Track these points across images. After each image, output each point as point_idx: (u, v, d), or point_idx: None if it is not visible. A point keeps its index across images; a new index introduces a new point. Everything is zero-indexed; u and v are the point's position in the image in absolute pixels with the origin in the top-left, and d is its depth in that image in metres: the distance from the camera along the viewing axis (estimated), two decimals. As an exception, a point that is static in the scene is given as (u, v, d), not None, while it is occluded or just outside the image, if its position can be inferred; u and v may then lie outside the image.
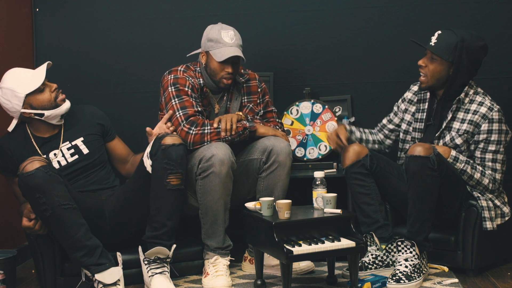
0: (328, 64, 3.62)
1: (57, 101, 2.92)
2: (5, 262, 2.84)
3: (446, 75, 2.92)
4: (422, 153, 2.75)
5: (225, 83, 3.05)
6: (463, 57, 2.87)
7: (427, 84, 2.95)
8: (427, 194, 2.78)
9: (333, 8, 3.60)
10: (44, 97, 2.90)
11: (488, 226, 2.88)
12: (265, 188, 2.98)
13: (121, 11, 3.70)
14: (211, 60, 3.03)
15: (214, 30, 3.03)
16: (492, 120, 2.89)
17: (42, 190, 2.60)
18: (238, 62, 3.05)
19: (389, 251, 2.94)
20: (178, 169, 2.75)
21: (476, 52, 2.90)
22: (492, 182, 2.91)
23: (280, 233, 2.58)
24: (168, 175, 2.74)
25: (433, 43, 2.90)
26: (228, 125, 2.90)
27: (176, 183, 2.76)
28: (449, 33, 2.90)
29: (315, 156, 3.50)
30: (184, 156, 2.78)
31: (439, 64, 2.91)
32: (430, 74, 2.93)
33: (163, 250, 2.75)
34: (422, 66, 2.95)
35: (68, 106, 2.96)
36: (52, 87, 2.93)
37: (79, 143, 3.00)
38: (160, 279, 2.72)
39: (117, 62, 3.70)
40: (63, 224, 2.65)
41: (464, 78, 2.92)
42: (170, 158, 2.73)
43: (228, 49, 2.98)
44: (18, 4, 3.60)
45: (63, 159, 2.95)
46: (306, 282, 2.88)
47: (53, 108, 2.91)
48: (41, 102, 2.89)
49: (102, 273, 2.66)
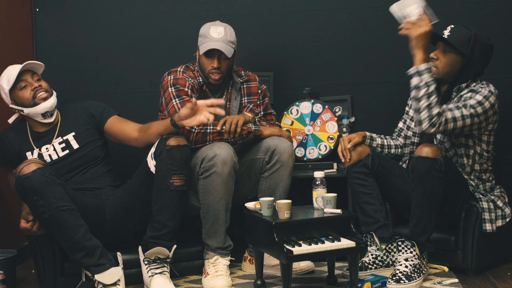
0: (328, 64, 3.62)
1: (35, 100, 2.96)
2: (5, 262, 2.84)
3: (458, 68, 2.92)
4: (430, 154, 2.75)
5: (213, 78, 3.06)
6: (475, 51, 2.88)
7: (438, 75, 2.93)
8: (432, 195, 2.77)
9: (333, 8, 3.60)
10: (24, 94, 2.96)
11: (487, 228, 2.88)
12: (267, 188, 2.98)
13: (121, 11, 3.70)
14: (200, 55, 3.07)
15: (205, 26, 3.08)
16: (477, 92, 2.86)
17: (39, 193, 2.60)
18: (226, 58, 3.05)
19: (389, 251, 2.94)
20: (182, 170, 2.76)
21: (487, 48, 2.92)
22: (438, 115, 2.72)
23: (280, 233, 2.58)
24: (171, 176, 2.74)
25: (447, 36, 2.91)
26: (233, 127, 2.90)
27: (179, 184, 2.76)
28: (462, 28, 2.93)
29: (315, 156, 3.51)
30: (188, 158, 2.79)
31: (451, 57, 2.91)
32: (442, 66, 2.93)
33: (163, 251, 2.75)
34: (434, 58, 2.94)
35: (47, 106, 2.97)
36: (33, 85, 2.97)
37: (70, 138, 3.03)
38: (160, 279, 2.72)
39: (117, 62, 3.70)
40: (62, 225, 2.65)
41: (472, 73, 2.92)
42: (174, 159, 2.73)
43: (211, 43, 3.00)
44: (18, 4, 3.60)
45: (54, 153, 2.99)
46: (306, 282, 2.88)
47: (32, 106, 2.96)
48: (21, 99, 2.97)
49: (102, 274, 2.66)
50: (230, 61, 3.08)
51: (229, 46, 3.02)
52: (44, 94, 2.98)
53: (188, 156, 2.79)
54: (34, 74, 3.01)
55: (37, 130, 3.02)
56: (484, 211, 2.88)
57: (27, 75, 2.98)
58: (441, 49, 2.94)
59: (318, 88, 3.61)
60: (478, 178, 2.97)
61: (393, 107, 3.30)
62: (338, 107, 3.59)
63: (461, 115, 2.78)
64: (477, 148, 2.94)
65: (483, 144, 2.94)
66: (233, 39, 3.06)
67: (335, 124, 3.49)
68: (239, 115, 3.01)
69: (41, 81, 3.02)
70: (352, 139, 3.06)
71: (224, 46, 3.00)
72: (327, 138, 3.49)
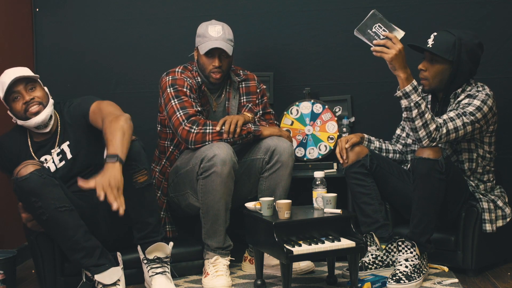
0: (328, 64, 3.62)
1: (26, 114, 2.83)
2: (5, 262, 2.84)
3: (448, 75, 2.91)
4: (431, 156, 2.75)
5: (214, 77, 3.06)
6: (463, 55, 2.86)
7: (430, 86, 2.94)
8: (433, 196, 2.77)
9: (333, 8, 3.60)
10: (16, 106, 2.84)
11: (488, 229, 2.88)
12: (267, 188, 2.98)
13: (121, 11, 3.70)
14: (199, 55, 3.07)
15: (203, 26, 3.08)
16: (474, 97, 2.86)
17: (37, 194, 2.58)
18: (227, 57, 3.06)
19: (389, 251, 2.94)
20: (140, 166, 2.71)
21: (474, 49, 2.90)
22: (436, 129, 2.73)
23: (280, 233, 2.58)
24: (132, 175, 2.70)
25: (431, 45, 2.90)
26: (232, 127, 2.90)
27: (144, 180, 2.73)
28: (445, 33, 2.90)
29: (315, 156, 3.51)
30: (141, 152, 2.73)
31: (440, 65, 2.90)
32: (432, 76, 2.92)
33: (161, 246, 2.75)
34: (422, 70, 2.94)
35: (38, 121, 2.82)
36: (25, 98, 2.82)
37: (65, 147, 2.92)
38: (161, 279, 2.72)
39: (117, 62, 3.70)
40: (61, 226, 2.64)
41: (465, 76, 2.92)
42: (128, 159, 2.64)
43: (212, 43, 3.00)
44: (18, 4, 3.60)
45: (52, 165, 2.90)
46: (306, 282, 2.88)
47: (24, 119, 2.84)
48: (14, 110, 2.85)
49: (101, 274, 2.65)
50: (230, 59, 3.09)
51: (229, 44, 3.03)
52: (36, 108, 2.82)
53: (139, 149, 2.72)
54: (28, 83, 2.83)
55: (37, 140, 2.91)
56: (484, 212, 2.88)
57: (20, 85, 2.81)
58: (428, 59, 2.93)
59: (318, 88, 3.61)
60: (478, 180, 2.97)
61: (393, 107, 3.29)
62: (338, 107, 3.59)
63: (462, 123, 2.79)
64: (480, 151, 2.94)
65: (485, 146, 2.94)
66: (231, 37, 3.07)
67: (335, 124, 3.49)
68: (238, 115, 3.01)
69: (36, 90, 2.84)
70: (349, 139, 3.06)
71: (224, 45, 3.00)
72: (327, 138, 3.49)
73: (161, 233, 2.81)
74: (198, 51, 3.08)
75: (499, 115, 2.98)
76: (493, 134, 2.95)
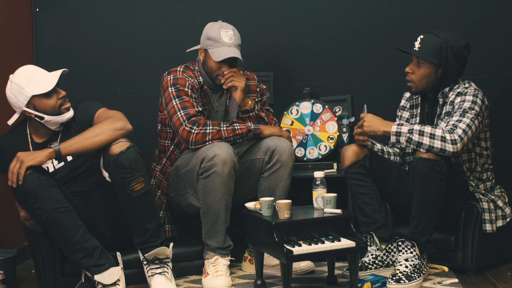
0: (328, 64, 3.62)
1: (61, 109, 2.85)
2: (5, 262, 2.83)
3: (435, 77, 2.92)
4: (431, 156, 2.75)
5: (221, 80, 3.06)
6: (450, 57, 2.87)
7: (417, 89, 2.97)
8: (433, 196, 2.77)
9: (333, 8, 3.60)
10: (49, 102, 2.83)
11: (488, 229, 2.88)
12: (267, 188, 2.98)
13: (121, 11, 3.70)
14: (209, 58, 3.04)
15: (213, 28, 3.04)
16: (465, 93, 2.87)
17: (35, 195, 2.58)
18: (235, 61, 3.06)
19: (389, 251, 2.94)
20: (136, 174, 2.68)
21: (461, 51, 2.90)
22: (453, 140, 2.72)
23: (280, 233, 2.58)
24: (129, 184, 2.68)
25: (417, 48, 2.91)
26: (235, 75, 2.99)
27: (141, 188, 2.70)
28: (431, 36, 2.91)
29: (315, 156, 3.51)
30: (137, 158, 2.69)
31: (426, 68, 2.91)
32: (418, 79, 2.93)
33: (161, 250, 2.75)
34: (409, 72, 2.95)
35: (70, 116, 2.87)
36: (61, 94, 2.86)
37: None
38: (159, 279, 2.72)
39: (117, 62, 3.70)
40: (60, 227, 2.63)
41: (453, 77, 2.93)
42: (123, 167, 2.65)
43: (226, 49, 2.99)
44: (18, 4, 3.60)
45: (51, 166, 2.90)
46: (306, 282, 2.88)
47: (55, 114, 2.85)
48: (44, 106, 2.83)
49: (101, 274, 2.65)
50: (237, 64, 3.10)
51: (239, 50, 3.04)
52: (69, 103, 2.88)
53: (136, 156, 2.68)
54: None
55: (38, 141, 2.91)
56: (484, 212, 2.88)
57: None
58: (415, 62, 2.94)
59: (318, 88, 3.61)
60: (478, 179, 2.97)
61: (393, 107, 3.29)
62: (338, 107, 3.59)
63: (470, 119, 2.79)
64: (477, 149, 2.94)
65: (481, 142, 2.94)
66: (240, 40, 3.07)
67: (335, 124, 3.49)
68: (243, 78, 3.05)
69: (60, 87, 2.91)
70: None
71: (238, 52, 3.01)
72: (327, 138, 3.49)
73: (161, 237, 2.80)
74: (208, 53, 3.05)
75: (499, 115, 2.99)
76: (487, 129, 2.95)
